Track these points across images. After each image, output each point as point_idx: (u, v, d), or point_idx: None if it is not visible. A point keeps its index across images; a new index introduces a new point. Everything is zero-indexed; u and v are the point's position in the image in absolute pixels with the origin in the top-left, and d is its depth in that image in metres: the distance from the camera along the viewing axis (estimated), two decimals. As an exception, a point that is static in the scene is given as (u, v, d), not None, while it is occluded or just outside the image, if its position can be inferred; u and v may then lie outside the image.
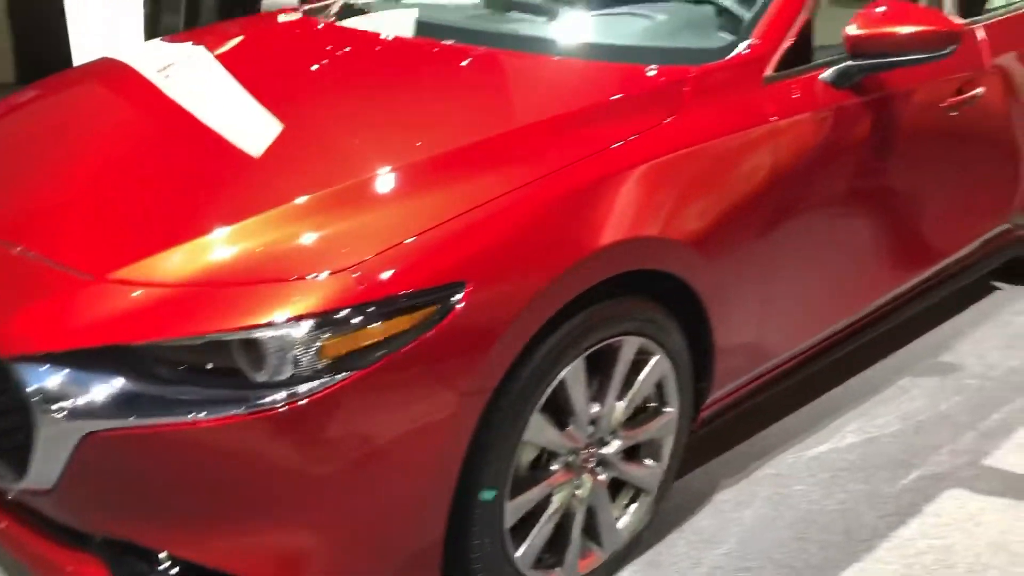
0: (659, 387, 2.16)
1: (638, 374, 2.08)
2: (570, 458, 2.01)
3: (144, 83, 2.57)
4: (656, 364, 2.10)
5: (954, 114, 2.76)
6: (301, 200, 1.77)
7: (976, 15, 3.01)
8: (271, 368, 1.58)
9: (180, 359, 1.61)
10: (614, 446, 2.10)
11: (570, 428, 1.97)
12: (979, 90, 2.83)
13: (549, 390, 1.87)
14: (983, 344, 3.36)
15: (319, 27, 2.82)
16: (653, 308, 2.05)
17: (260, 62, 2.68)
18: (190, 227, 1.77)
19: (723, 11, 2.57)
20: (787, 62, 2.32)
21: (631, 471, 2.17)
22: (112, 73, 2.75)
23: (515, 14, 2.86)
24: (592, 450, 2.05)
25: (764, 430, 2.80)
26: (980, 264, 3.34)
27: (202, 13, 5.57)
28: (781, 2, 2.34)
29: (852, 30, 2.33)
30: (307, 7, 3.05)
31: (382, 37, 2.60)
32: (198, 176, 2.00)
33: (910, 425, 2.85)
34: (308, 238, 1.70)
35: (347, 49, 2.59)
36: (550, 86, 2.24)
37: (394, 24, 2.67)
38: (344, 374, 1.59)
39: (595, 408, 2.02)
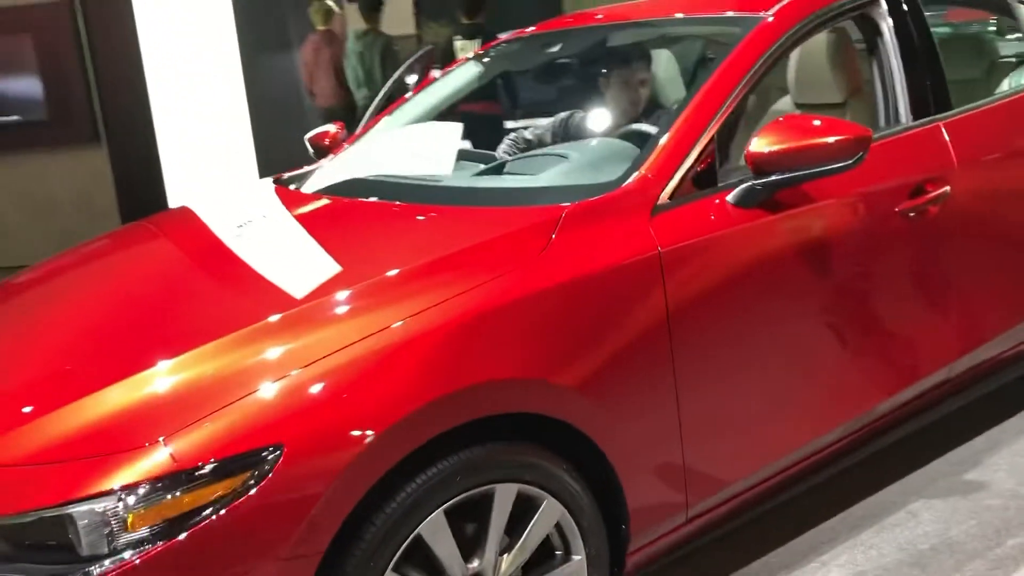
0: (561, 533, 2.07)
1: (529, 520, 2.02)
2: (450, 617, 1.94)
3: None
4: (545, 511, 2.02)
5: (913, 215, 2.61)
6: (139, 375, 1.85)
7: (943, 111, 2.86)
8: (90, 542, 1.64)
9: (13, 537, 1.69)
10: (508, 602, 2.02)
11: (444, 586, 1.92)
12: (945, 189, 2.67)
13: (402, 548, 1.83)
14: (1019, 456, 3.05)
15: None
16: (530, 452, 2.00)
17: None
18: (44, 402, 1.87)
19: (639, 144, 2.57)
20: (692, 187, 2.29)
21: (535, 627, 2.07)
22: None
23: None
24: (482, 607, 1.98)
25: (744, 567, 2.61)
26: (999, 374, 3.06)
27: None
28: (674, 134, 2.32)
29: (753, 147, 2.27)
30: (285, 176, 3.21)
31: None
32: (92, 348, 2.11)
33: (909, 555, 2.59)
34: (129, 410, 1.77)
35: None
36: (415, 238, 2.27)
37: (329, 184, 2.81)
38: (157, 544, 1.63)
39: (475, 563, 1.96)
